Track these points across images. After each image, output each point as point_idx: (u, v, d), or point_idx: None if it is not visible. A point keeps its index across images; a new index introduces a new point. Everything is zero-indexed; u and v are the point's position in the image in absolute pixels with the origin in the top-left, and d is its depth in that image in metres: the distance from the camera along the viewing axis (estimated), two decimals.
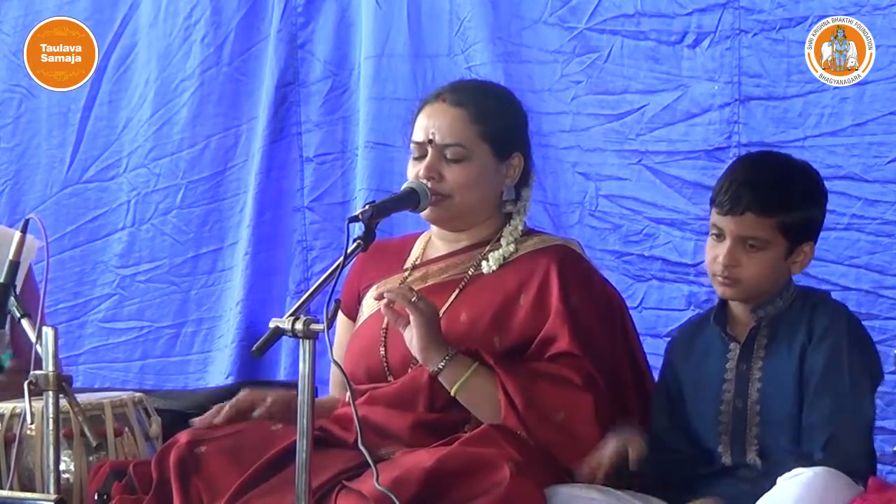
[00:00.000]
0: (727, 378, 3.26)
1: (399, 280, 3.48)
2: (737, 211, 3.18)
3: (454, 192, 3.40)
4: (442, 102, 3.44)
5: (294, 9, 4.69)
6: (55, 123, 5.06)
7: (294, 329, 2.88)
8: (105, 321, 5.03)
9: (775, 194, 3.18)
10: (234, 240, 4.82)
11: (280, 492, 3.08)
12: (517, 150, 3.47)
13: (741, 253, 3.20)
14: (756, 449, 3.22)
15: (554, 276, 3.34)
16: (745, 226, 3.18)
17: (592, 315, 3.34)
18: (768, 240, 3.19)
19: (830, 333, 3.17)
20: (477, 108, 3.42)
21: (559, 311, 3.30)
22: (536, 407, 3.21)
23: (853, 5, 3.76)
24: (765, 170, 3.26)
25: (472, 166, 3.41)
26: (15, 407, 3.52)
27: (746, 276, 3.21)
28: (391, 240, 3.68)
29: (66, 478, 3.47)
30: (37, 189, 5.08)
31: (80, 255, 5.04)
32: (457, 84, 3.55)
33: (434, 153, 3.41)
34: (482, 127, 3.41)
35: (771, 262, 3.21)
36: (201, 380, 4.83)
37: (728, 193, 3.19)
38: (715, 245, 3.24)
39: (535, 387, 3.23)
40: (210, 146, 4.86)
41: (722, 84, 3.98)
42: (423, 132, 3.42)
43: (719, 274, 3.23)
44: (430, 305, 3.27)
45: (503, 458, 3.02)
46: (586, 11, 4.16)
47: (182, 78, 4.88)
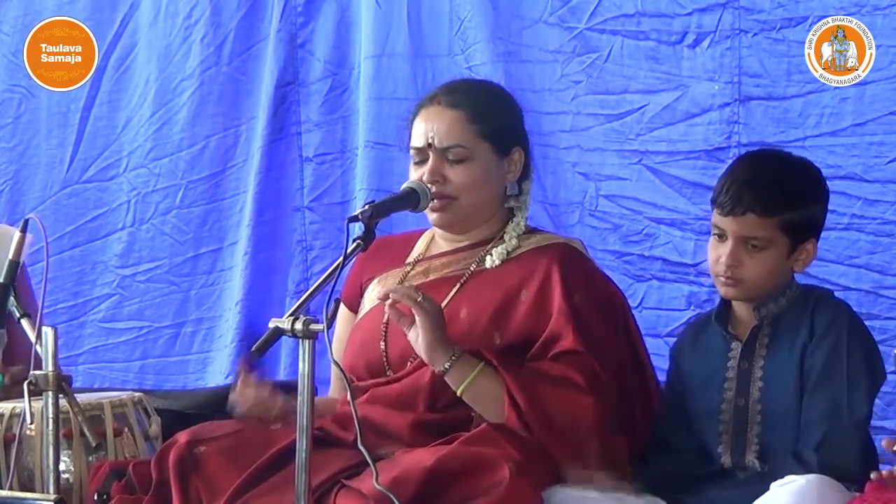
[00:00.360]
0: (729, 377, 3.27)
1: (401, 274, 3.49)
2: (738, 212, 3.17)
3: (460, 193, 3.40)
4: (437, 105, 3.44)
5: (294, 8, 4.68)
6: (55, 123, 5.05)
7: (294, 329, 2.88)
8: (105, 321, 5.02)
9: (776, 194, 3.18)
10: (234, 240, 4.81)
11: (279, 491, 3.08)
12: (517, 144, 3.48)
13: (743, 253, 3.20)
14: (756, 450, 3.22)
15: (556, 274, 3.35)
16: (747, 226, 3.18)
17: (595, 313, 3.34)
18: (770, 239, 3.19)
19: (831, 332, 3.17)
20: (473, 108, 3.42)
21: (562, 310, 3.30)
22: (538, 407, 3.21)
23: (853, 5, 3.75)
24: (765, 169, 3.25)
25: (475, 166, 3.41)
26: (14, 407, 3.53)
27: (749, 276, 3.21)
28: (395, 235, 3.68)
29: (65, 478, 3.47)
30: (36, 189, 5.07)
31: (79, 255, 5.04)
32: (450, 85, 3.55)
33: (435, 157, 3.41)
34: (480, 126, 3.41)
35: (773, 262, 3.21)
36: (201, 380, 4.83)
37: (729, 194, 3.19)
38: (717, 245, 3.24)
39: (537, 387, 3.23)
40: (210, 146, 4.86)
41: (722, 84, 3.97)
42: (423, 137, 3.42)
43: (722, 274, 3.22)
44: (435, 305, 3.26)
45: (503, 458, 3.02)
46: (586, 11, 4.16)
47: (182, 78, 4.87)
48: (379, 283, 3.51)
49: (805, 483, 2.93)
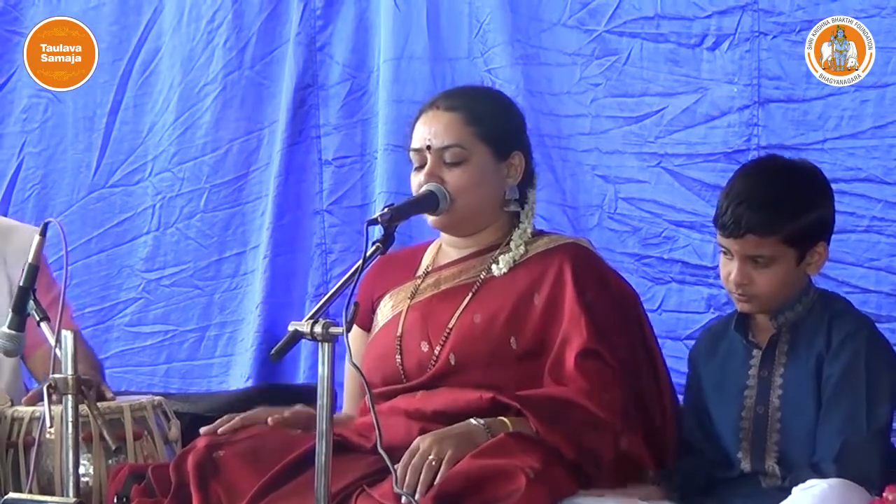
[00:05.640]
0: (749, 384, 3.26)
1: (412, 287, 3.49)
2: (738, 234, 3.17)
3: (457, 195, 3.40)
4: (436, 109, 3.47)
5: (313, 11, 4.68)
6: (81, 128, 5.06)
7: (313, 332, 2.88)
8: (131, 325, 5.03)
9: (774, 211, 3.15)
10: (257, 243, 4.82)
11: (299, 495, 3.08)
12: (516, 148, 3.47)
13: (751, 270, 3.20)
14: (776, 456, 3.21)
15: (568, 273, 3.35)
16: (749, 246, 3.17)
17: (609, 310, 3.33)
18: (775, 255, 3.18)
19: (848, 344, 3.16)
20: (471, 110, 3.44)
21: (575, 309, 3.30)
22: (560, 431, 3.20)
23: (873, 7, 3.74)
24: (761, 185, 3.21)
25: (472, 167, 3.41)
26: (34, 410, 3.53)
27: (761, 291, 3.20)
28: (401, 251, 3.67)
29: (85, 481, 3.46)
30: (63, 194, 5.09)
31: (106, 259, 5.05)
32: (450, 91, 3.59)
33: (433, 159, 3.42)
34: (478, 128, 3.42)
35: (783, 273, 3.20)
36: (224, 383, 4.84)
37: (727, 216, 3.17)
38: (726, 262, 3.24)
39: (556, 416, 3.21)
40: (233, 150, 4.87)
41: (741, 86, 3.96)
42: (421, 140, 3.44)
43: (734, 291, 3.23)
44: (429, 438, 3.13)
45: (519, 468, 2.99)
46: (605, 14, 4.15)
47: (205, 82, 4.88)
48: (391, 298, 3.52)
49: (827, 487, 2.93)
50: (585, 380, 3.24)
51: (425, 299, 3.47)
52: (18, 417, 3.57)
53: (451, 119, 3.43)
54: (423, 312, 3.44)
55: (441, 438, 3.11)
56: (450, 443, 3.09)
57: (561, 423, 3.17)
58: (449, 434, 3.13)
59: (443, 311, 3.42)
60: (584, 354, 3.27)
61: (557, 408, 3.21)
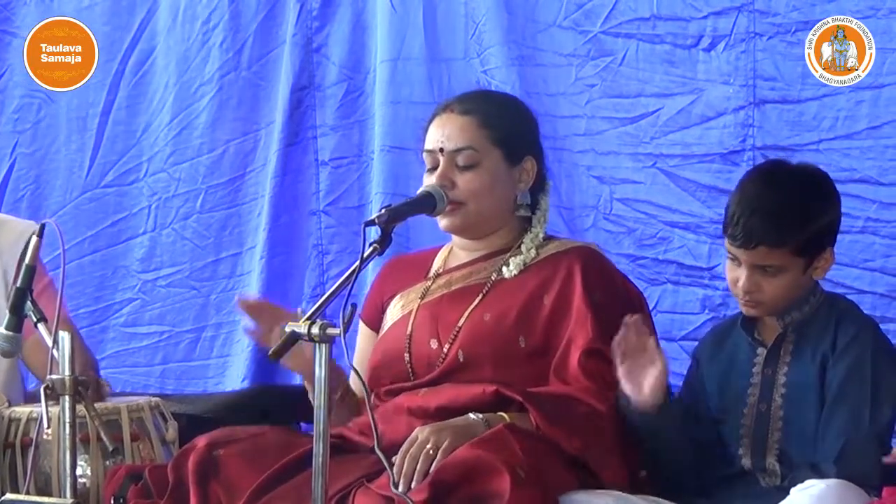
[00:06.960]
0: (753, 382, 3.28)
1: (423, 287, 3.52)
2: (749, 245, 3.18)
3: (468, 198, 3.43)
4: (450, 113, 3.50)
5: (309, 12, 4.68)
6: (74, 128, 5.05)
7: (310, 333, 2.89)
8: (127, 326, 5.02)
9: (786, 223, 3.17)
10: (253, 244, 4.80)
11: (299, 494, 3.08)
12: (529, 153, 3.50)
13: (760, 278, 3.21)
14: (776, 454, 3.23)
15: (577, 273, 3.38)
16: (760, 256, 3.19)
17: (615, 311, 3.33)
18: (784, 265, 3.19)
19: (853, 346, 3.17)
20: (485, 114, 3.47)
21: (582, 308, 3.33)
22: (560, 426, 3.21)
23: (869, 8, 3.75)
24: (773, 195, 3.21)
25: (484, 171, 3.44)
26: (32, 411, 3.54)
27: (768, 298, 3.22)
28: (410, 254, 3.73)
29: (82, 482, 3.47)
30: (57, 194, 5.07)
31: (101, 260, 5.04)
32: (464, 94, 3.60)
33: (446, 161, 3.44)
34: (491, 131, 3.45)
35: (791, 281, 3.22)
36: (220, 384, 4.82)
37: (738, 226, 3.18)
38: (733, 268, 3.25)
39: (558, 411, 3.22)
40: (229, 150, 4.86)
41: (737, 87, 3.96)
42: (434, 142, 3.47)
43: (741, 297, 3.24)
44: (427, 430, 3.15)
45: (506, 465, 2.97)
46: (601, 15, 4.15)
47: (201, 83, 4.87)
48: (401, 298, 3.54)
49: (825, 488, 2.94)
50: (589, 378, 3.27)
51: (436, 299, 3.49)
52: (16, 418, 3.57)
53: (465, 122, 3.46)
54: (433, 311, 3.47)
55: (439, 429, 3.14)
56: (447, 433, 3.12)
57: (563, 419, 3.19)
58: (447, 425, 3.16)
59: (453, 311, 3.45)
60: (588, 353, 3.30)
61: (560, 403, 3.23)
